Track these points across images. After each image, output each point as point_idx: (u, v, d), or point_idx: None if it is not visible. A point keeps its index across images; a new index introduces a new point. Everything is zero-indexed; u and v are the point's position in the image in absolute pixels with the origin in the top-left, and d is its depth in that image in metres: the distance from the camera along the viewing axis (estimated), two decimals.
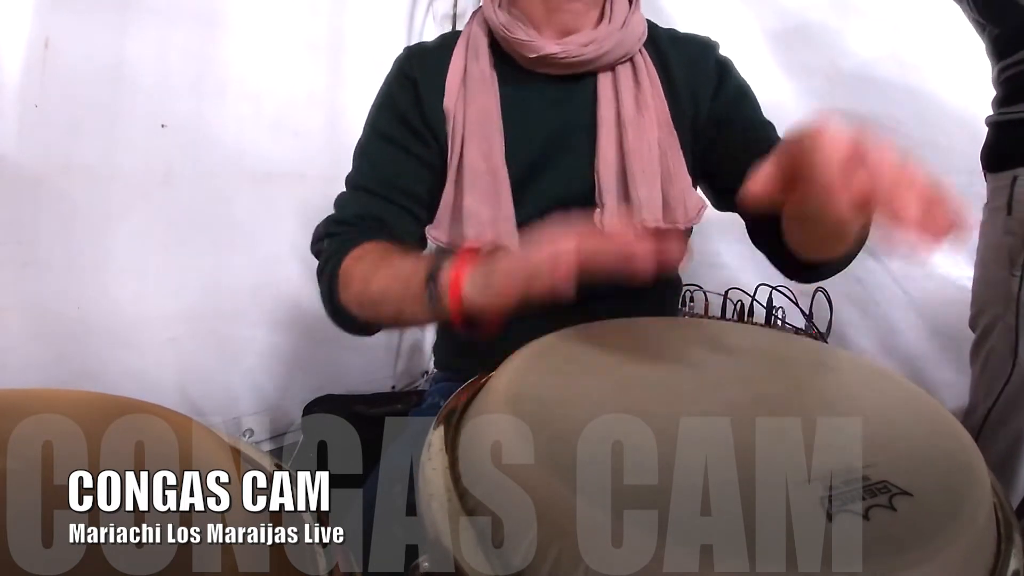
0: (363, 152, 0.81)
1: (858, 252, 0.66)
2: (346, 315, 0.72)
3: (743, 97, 0.82)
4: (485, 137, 0.76)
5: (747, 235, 0.78)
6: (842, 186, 0.41)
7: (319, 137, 1.63)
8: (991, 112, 1.20)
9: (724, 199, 0.81)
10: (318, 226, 0.78)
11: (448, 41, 0.82)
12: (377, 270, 0.68)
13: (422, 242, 0.79)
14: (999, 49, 1.15)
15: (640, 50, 0.80)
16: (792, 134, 0.45)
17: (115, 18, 1.26)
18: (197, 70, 1.40)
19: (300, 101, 1.60)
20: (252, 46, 1.48)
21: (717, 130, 0.80)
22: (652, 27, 0.82)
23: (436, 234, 0.77)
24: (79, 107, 1.23)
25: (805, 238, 0.60)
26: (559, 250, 0.52)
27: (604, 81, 0.78)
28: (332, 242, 0.75)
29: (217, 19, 1.43)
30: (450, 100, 0.77)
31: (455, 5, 1.90)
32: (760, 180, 0.45)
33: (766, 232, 0.70)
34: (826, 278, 0.77)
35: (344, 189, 0.80)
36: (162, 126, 1.35)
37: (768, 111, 0.83)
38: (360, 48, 1.68)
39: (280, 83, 1.55)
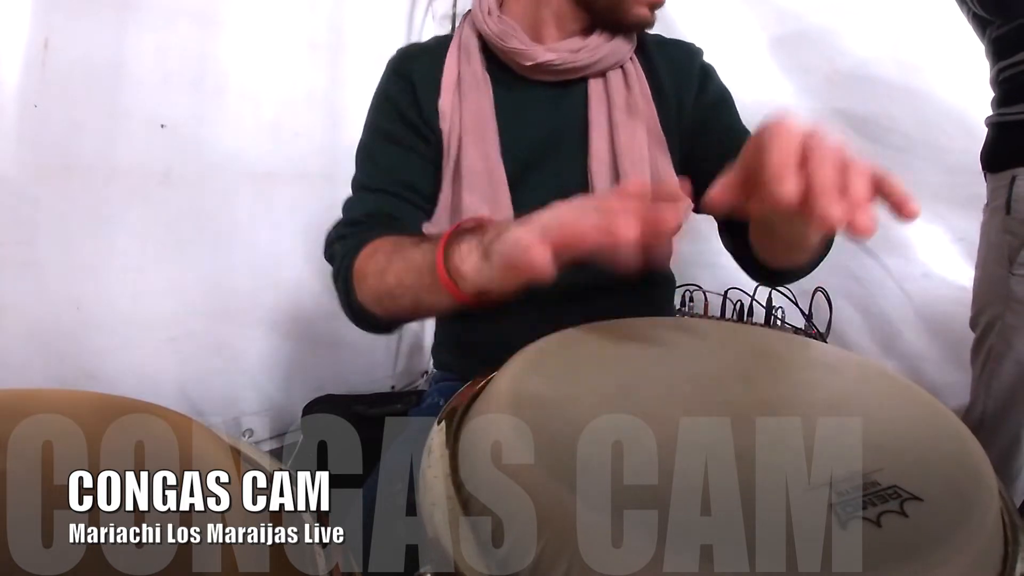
0: (366, 152, 0.81)
1: (821, 260, 0.70)
2: (365, 314, 0.71)
3: (723, 103, 0.84)
4: (481, 137, 0.77)
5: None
6: (781, 180, 0.41)
7: (319, 137, 1.63)
8: (990, 112, 1.21)
9: (699, 202, 0.81)
10: (328, 231, 0.78)
11: (442, 42, 0.83)
12: (391, 262, 0.67)
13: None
14: (998, 50, 1.16)
15: (631, 57, 0.81)
16: (753, 135, 0.46)
17: (114, 18, 1.26)
18: (196, 70, 1.40)
19: (300, 101, 1.60)
20: (252, 46, 1.48)
21: (696, 134, 0.81)
22: (640, 34, 0.84)
23: (435, 231, 0.78)
24: (78, 107, 1.23)
25: (768, 245, 0.64)
26: (537, 225, 0.52)
27: (595, 86, 0.80)
28: (344, 243, 0.74)
29: (216, 18, 1.43)
30: (446, 100, 0.78)
31: (455, 5, 1.90)
32: (721, 186, 0.47)
33: (735, 236, 0.74)
34: (790, 283, 0.81)
35: (349, 192, 0.80)
36: (161, 126, 1.36)
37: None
38: (360, 48, 1.68)
39: (280, 83, 1.55)
